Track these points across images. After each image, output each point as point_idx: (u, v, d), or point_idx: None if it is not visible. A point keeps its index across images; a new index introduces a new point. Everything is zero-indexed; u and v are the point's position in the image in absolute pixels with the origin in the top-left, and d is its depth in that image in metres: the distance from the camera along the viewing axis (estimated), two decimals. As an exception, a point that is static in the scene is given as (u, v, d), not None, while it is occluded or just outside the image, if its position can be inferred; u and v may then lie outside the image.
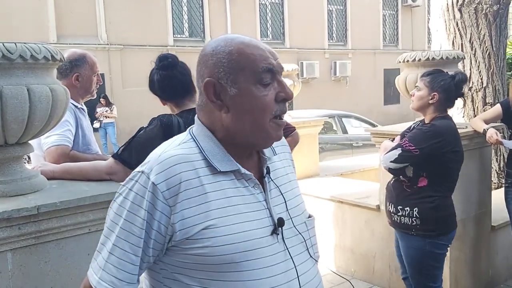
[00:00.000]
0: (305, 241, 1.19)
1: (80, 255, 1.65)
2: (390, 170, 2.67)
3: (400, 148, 2.59)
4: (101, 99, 11.67)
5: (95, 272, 1.09)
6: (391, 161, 2.62)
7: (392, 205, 2.72)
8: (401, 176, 2.68)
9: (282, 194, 1.18)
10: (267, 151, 1.20)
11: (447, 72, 2.77)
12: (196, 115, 1.18)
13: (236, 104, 1.09)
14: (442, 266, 2.72)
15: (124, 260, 1.06)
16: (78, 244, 1.65)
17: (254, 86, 1.08)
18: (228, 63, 1.09)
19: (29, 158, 2.93)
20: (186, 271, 1.07)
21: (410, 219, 2.62)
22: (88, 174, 1.90)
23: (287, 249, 1.13)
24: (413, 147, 2.55)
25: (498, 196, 3.82)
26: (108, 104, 11.93)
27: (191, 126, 1.19)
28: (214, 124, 1.13)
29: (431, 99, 2.66)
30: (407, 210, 2.64)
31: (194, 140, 1.13)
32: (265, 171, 1.18)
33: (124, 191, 1.09)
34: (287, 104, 1.14)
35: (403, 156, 2.58)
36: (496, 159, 4.81)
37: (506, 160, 3.72)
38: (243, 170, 1.12)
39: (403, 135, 2.87)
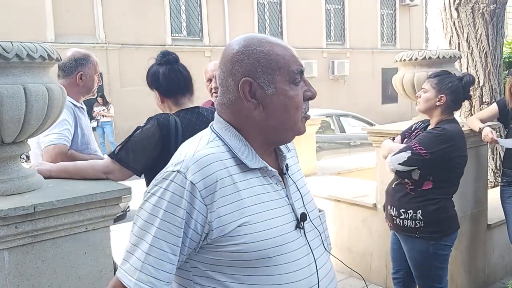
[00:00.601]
0: (320, 234, 1.24)
1: (77, 254, 1.65)
2: (397, 172, 2.62)
3: (410, 151, 2.55)
4: (99, 98, 11.67)
5: (130, 274, 1.06)
6: (399, 163, 2.57)
7: (394, 209, 2.68)
8: (405, 179, 2.64)
9: (298, 189, 1.23)
10: (283, 148, 1.24)
11: (454, 74, 2.75)
12: (216, 113, 1.19)
13: (272, 103, 1.12)
14: (447, 267, 2.71)
15: (163, 260, 1.05)
16: (75, 243, 1.65)
17: (288, 86, 1.12)
18: (266, 63, 1.11)
19: (27, 157, 2.94)
20: (219, 268, 1.09)
21: (414, 222, 2.60)
22: (85, 173, 1.91)
23: (308, 243, 1.18)
24: (424, 151, 2.51)
25: (494, 194, 3.83)
26: (106, 103, 11.92)
27: (211, 123, 1.20)
28: (242, 123, 1.15)
29: (438, 101, 2.62)
30: (410, 213, 2.61)
31: (221, 139, 1.14)
32: (284, 168, 1.21)
33: (158, 191, 1.08)
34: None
35: (412, 159, 2.54)
36: (493, 158, 4.83)
37: (502, 159, 3.73)
38: (269, 167, 1.15)
39: (403, 135, 2.86)
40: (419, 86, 3.16)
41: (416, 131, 2.83)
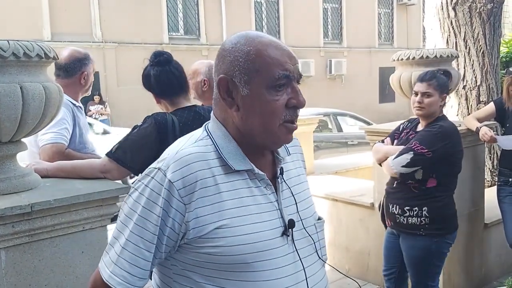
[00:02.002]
0: (314, 243, 1.19)
1: (74, 253, 1.65)
2: (401, 175, 2.62)
3: (412, 152, 2.55)
4: (95, 97, 11.64)
5: (107, 266, 1.09)
6: (402, 166, 2.57)
7: (397, 207, 2.69)
8: (409, 180, 2.64)
9: (293, 195, 1.18)
10: (281, 151, 1.20)
11: (437, 70, 2.77)
12: (212, 111, 1.18)
13: (246, 105, 1.08)
14: (443, 265, 2.74)
15: (137, 255, 1.06)
16: (72, 242, 1.65)
17: (266, 90, 1.07)
18: (244, 63, 1.08)
19: None
20: (197, 269, 1.08)
21: (419, 219, 2.61)
22: (82, 172, 1.90)
23: (297, 250, 1.13)
24: (426, 150, 2.53)
25: (491, 194, 3.84)
26: (102, 101, 11.89)
27: (207, 122, 1.18)
28: (227, 121, 1.13)
29: (441, 101, 2.65)
30: (415, 210, 2.61)
31: (210, 137, 1.13)
32: (278, 171, 1.17)
33: (139, 187, 1.09)
34: (298, 111, 1.11)
35: (415, 160, 2.54)
36: (490, 157, 4.84)
37: (499, 158, 3.74)
38: (256, 170, 1.11)
39: (392, 136, 2.87)
40: (417, 85, 3.16)
41: (405, 131, 2.83)
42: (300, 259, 1.13)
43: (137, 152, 1.93)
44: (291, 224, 1.13)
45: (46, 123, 1.74)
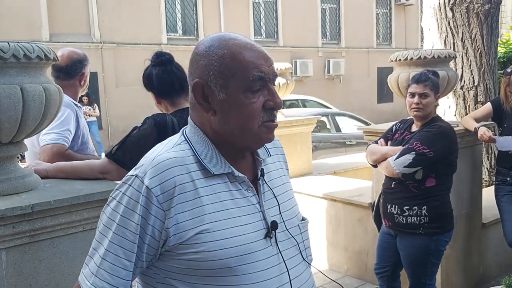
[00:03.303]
0: (297, 244, 1.18)
1: (74, 253, 1.66)
2: (403, 175, 2.64)
3: (413, 152, 2.58)
4: (84, 98, 11.40)
5: (87, 278, 1.07)
6: (405, 166, 2.60)
7: (396, 207, 2.71)
8: (409, 180, 2.67)
9: (275, 196, 1.17)
10: (261, 153, 1.18)
11: (427, 70, 2.80)
12: (189, 115, 1.17)
13: (223, 109, 1.07)
14: (439, 263, 2.78)
15: (117, 265, 1.04)
16: (72, 242, 1.65)
17: (243, 94, 1.06)
18: (219, 67, 1.06)
19: (22, 157, 2.94)
20: (179, 276, 1.06)
21: (418, 218, 2.64)
22: (82, 173, 1.91)
23: (280, 252, 1.12)
24: (427, 150, 2.56)
25: (488, 193, 3.86)
26: (91, 102, 11.79)
27: (185, 127, 1.18)
28: (204, 125, 1.12)
29: (436, 101, 2.72)
30: (415, 209, 2.65)
31: (188, 142, 1.11)
32: (259, 173, 1.16)
33: (117, 195, 1.07)
34: (275, 112, 1.11)
35: (417, 160, 2.58)
36: (487, 157, 4.86)
37: (496, 158, 3.76)
38: (237, 173, 1.10)
39: (386, 137, 2.89)
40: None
41: (398, 132, 2.85)
42: (284, 261, 1.12)
43: (137, 153, 1.92)
44: (274, 225, 1.11)
45: (46, 124, 1.74)
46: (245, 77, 1.06)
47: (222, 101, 1.07)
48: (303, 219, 1.25)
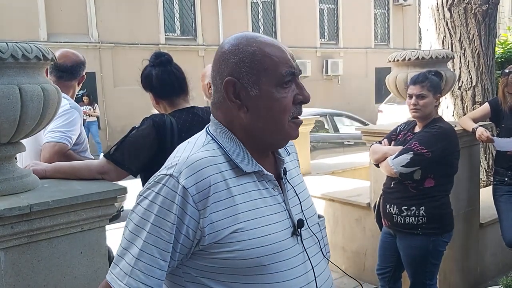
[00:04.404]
0: (318, 241, 1.20)
1: (73, 253, 1.66)
2: (401, 174, 2.65)
3: (411, 152, 2.59)
4: (84, 98, 11.46)
5: (119, 279, 1.04)
6: (402, 166, 2.60)
7: (395, 206, 2.72)
8: (407, 180, 2.67)
9: (297, 195, 1.18)
10: (282, 152, 1.20)
11: (427, 71, 2.81)
12: (211, 114, 1.17)
13: (256, 105, 1.08)
14: (440, 264, 2.78)
15: (152, 265, 1.03)
16: (70, 242, 1.65)
17: (275, 88, 1.08)
18: (251, 63, 1.07)
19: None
20: (212, 275, 1.06)
21: (416, 218, 2.64)
22: (80, 173, 1.91)
23: (305, 250, 1.14)
24: (426, 150, 2.57)
25: (486, 193, 3.87)
26: (91, 102, 11.80)
27: (207, 125, 1.17)
28: (232, 123, 1.12)
29: (436, 102, 2.70)
30: (413, 209, 2.65)
31: (216, 141, 1.11)
32: (282, 172, 1.17)
33: (150, 195, 1.05)
34: (302, 106, 1.14)
35: (415, 160, 2.58)
36: (485, 157, 4.87)
37: (494, 158, 3.77)
38: (265, 171, 1.11)
39: (389, 138, 2.90)
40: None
41: (402, 132, 2.86)
42: (309, 258, 1.14)
43: (135, 154, 1.93)
44: (300, 223, 1.13)
45: (44, 125, 1.74)
46: (276, 72, 1.08)
47: (255, 97, 1.08)
48: (319, 216, 1.27)
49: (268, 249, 1.06)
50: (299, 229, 1.13)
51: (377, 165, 2.84)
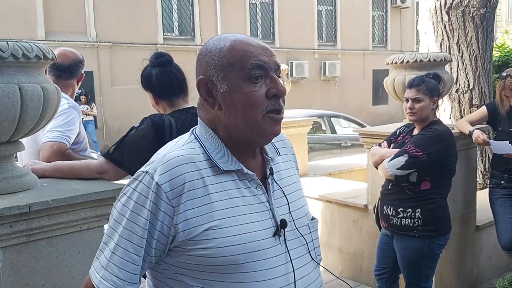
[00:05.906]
0: (307, 243, 1.18)
1: (71, 253, 1.66)
2: (396, 177, 2.66)
3: (406, 155, 2.60)
4: (82, 97, 11.46)
5: (97, 271, 1.09)
6: (397, 168, 2.62)
7: (392, 208, 2.73)
8: (403, 183, 2.68)
9: (285, 195, 1.17)
10: (270, 152, 1.19)
11: (426, 74, 2.81)
12: (198, 115, 1.18)
13: (227, 101, 1.09)
14: (435, 267, 2.78)
15: (126, 260, 1.06)
16: (69, 242, 1.65)
17: (244, 83, 1.07)
18: (218, 60, 1.09)
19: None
20: (188, 272, 1.07)
21: (412, 220, 2.65)
22: (79, 172, 1.91)
23: (288, 251, 1.13)
24: (420, 153, 2.58)
25: (482, 196, 3.88)
26: (88, 102, 11.78)
27: (195, 127, 1.18)
28: (214, 123, 1.13)
29: (433, 105, 2.70)
30: (409, 211, 2.66)
31: (198, 141, 1.13)
32: (268, 172, 1.17)
33: (128, 191, 1.09)
34: (280, 101, 1.11)
35: (410, 162, 2.59)
36: (482, 160, 4.89)
37: (491, 161, 3.78)
38: (246, 170, 1.11)
39: (389, 140, 2.91)
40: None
41: (401, 135, 2.87)
42: (291, 260, 1.12)
43: (134, 153, 1.94)
44: (283, 224, 1.12)
45: (44, 124, 1.74)
46: (243, 66, 1.07)
47: (225, 93, 1.09)
48: (312, 218, 1.26)
49: (244, 248, 1.06)
50: (282, 230, 1.12)
51: (377, 167, 2.86)
